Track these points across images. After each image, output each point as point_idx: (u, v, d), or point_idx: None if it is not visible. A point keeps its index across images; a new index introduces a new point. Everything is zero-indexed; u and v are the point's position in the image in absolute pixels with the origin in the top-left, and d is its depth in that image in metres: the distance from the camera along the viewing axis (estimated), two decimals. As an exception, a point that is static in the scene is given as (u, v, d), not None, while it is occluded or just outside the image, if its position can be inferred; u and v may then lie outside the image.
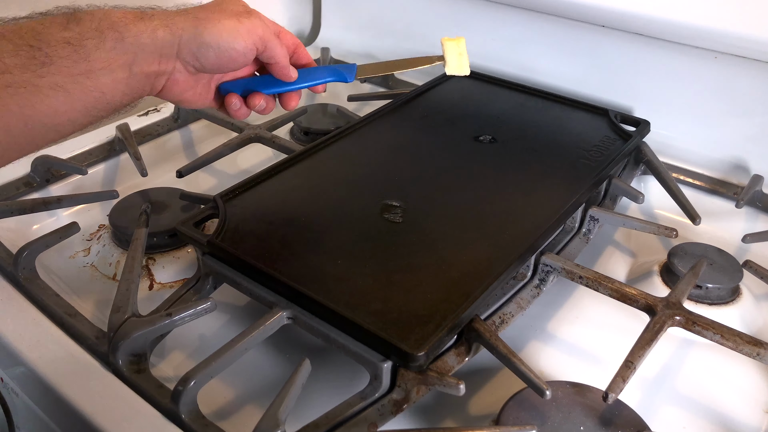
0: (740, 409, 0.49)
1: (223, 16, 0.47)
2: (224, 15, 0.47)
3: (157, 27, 0.43)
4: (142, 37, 0.42)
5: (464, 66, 0.57)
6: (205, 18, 0.46)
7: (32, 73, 0.37)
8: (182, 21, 0.45)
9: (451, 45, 0.57)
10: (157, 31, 0.43)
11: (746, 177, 0.70)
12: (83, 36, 0.39)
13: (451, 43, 0.57)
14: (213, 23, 0.46)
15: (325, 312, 0.45)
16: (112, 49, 0.41)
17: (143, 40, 0.42)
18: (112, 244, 0.62)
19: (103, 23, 0.41)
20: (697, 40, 0.69)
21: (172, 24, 0.44)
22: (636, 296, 0.50)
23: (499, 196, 0.59)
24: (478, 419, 0.48)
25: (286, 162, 0.62)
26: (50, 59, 0.38)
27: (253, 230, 0.53)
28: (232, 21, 0.47)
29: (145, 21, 0.43)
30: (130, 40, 0.42)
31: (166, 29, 0.44)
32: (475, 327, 0.46)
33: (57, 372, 0.47)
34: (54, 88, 0.38)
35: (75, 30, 0.39)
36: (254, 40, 0.49)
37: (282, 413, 0.40)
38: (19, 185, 0.68)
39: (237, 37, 0.47)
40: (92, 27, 0.40)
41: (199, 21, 0.46)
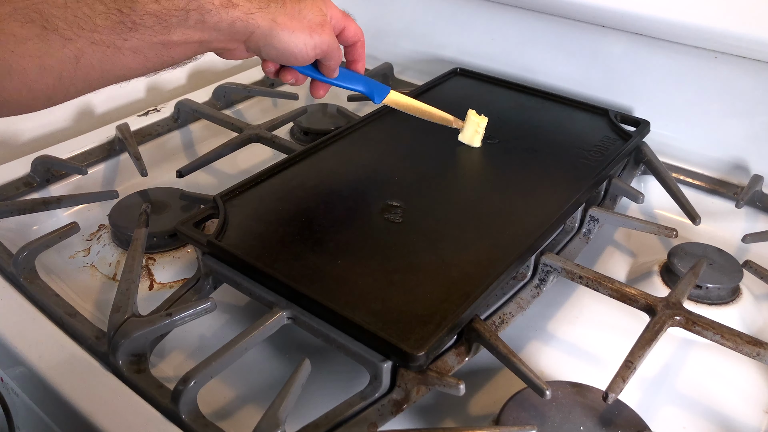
0: (740, 409, 0.49)
1: (299, 27, 0.50)
2: (300, 25, 0.50)
3: (237, 19, 0.46)
4: (222, 24, 0.45)
5: (477, 140, 0.65)
6: (282, 24, 0.49)
7: (117, 36, 0.41)
8: (260, 18, 0.47)
9: (473, 120, 0.64)
10: (236, 23, 0.46)
11: (746, 177, 0.70)
12: (170, 12, 0.43)
13: (475, 118, 0.64)
14: (287, 32, 0.49)
15: (325, 312, 0.45)
16: (192, 27, 0.44)
17: (221, 27, 0.46)
18: (112, 244, 0.62)
19: (191, 4, 0.43)
20: (697, 40, 0.69)
21: (251, 19, 0.47)
22: (636, 296, 0.50)
23: (499, 196, 0.59)
24: (478, 419, 0.48)
25: (286, 162, 0.62)
26: (136, 27, 0.41)
27: (253, 230, 0.53)
28: (305, 34, 0.50)
29: (228, 10, 0.45)
30: (209, 24, 0.45)
31: (243, 23, 0.47)
32: (475, 327, 0.46)
33: (57, 372, 0.47)
34: (134, 51, 0.42)
35: (164, 5, 0.42)
36: (317, 53, 0.52)
37: (282, 413, 0.40)
38: (19, 185, 0.68)
39: (303, 50, 0.51)
40: (180, 6, 0.43)
41: (276, 25, 0.48)
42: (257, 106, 0.90)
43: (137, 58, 0.43)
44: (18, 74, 0.38)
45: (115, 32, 0.41)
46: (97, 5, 0.40)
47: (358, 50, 0.59)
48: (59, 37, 0.39)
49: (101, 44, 0.40)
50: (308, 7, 0.51)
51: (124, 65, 0.42)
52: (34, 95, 0.40)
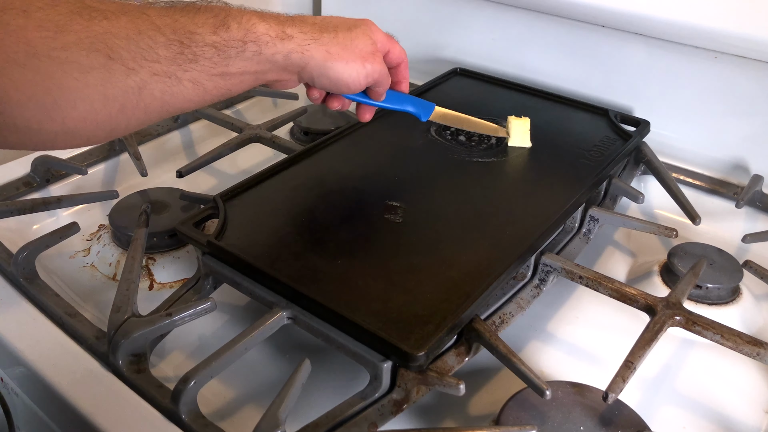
0: (740, 409, 0.49)
1: (352, 57, 0.50)
2: (353, 55, 0.50)
3: (293, 51, 0.47)
4: (278, 56, 0.46)
5: (527, 140, 0.66)
6: (335, 54, 0.49)
7: (178, 67, 0.41)
8: (315, 50, 0.48)
9: (516, 124, 0.66)
10: (292, 54, 0.47)
11: (746, 177, 0.70)
12: (228, 44, 0.43)
13: (517, 122, 0.66)
14: (341, 63, 0.50)
15: (325, 312, 0.45)
16: (249, 59, 0.45)
17: (277, 59, 0.46)
18: (112, 244, 0.62)
19: (248, 36, 0.44)
20: (697, 40, 0.69)
21: (306, 51, 0.48)
22: (636, 296, 0.50)
23: (499, 196, 0.59)
24: (478, 419, 0.48)
25: (286, 162, 0.62)
26: (196, 58, 0.42)
27: (253, 230, 0.53)
28: (357, 64, 0.51)
29: (284, 42, 0.46)
30: (266, 56, 0.46)
31: (299, 54, 0.47)
32: (475, 327, 0.46)
33: (57, 372, 0.47)
34: (193, 82, 0.42)
35: (222, 36, 0.43)
36: (368, 82, 0.53)
37: (282, 413, 0.40)
38: (19, 185, 0.68)
39: (356, 80, 0.51)
40: (238, 37, 0.44)
41: (330, 56, 0.49)
42: (257, 106, 0.90)
43: (197, 90, 0.43)
44: (83, 103, 0.38)
45: (176, 63, 0.41)
46: (158, 37, 0.40)
47: (401, 71, 0.59)
48: (123, 67, 0.39)
49: (163, 75, 0.41)
50: (359, 36, 0.51)
51: (184, 96, 0.43)
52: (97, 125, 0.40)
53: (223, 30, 0.43)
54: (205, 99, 0.44)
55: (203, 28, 0.42)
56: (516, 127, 0.66)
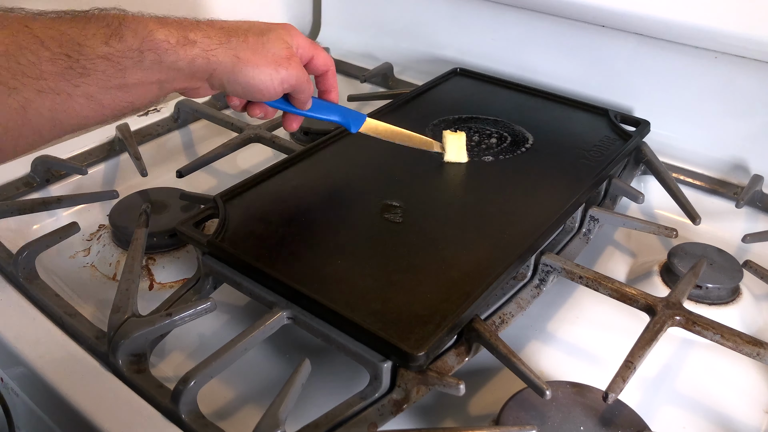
0: (740, 409, 0.49)
1: (263, 61, 0.48)
2: (264, 60, 0.48)
3: (196, 57, 0.44)
4: (180, 63, 0.43)
5: (463, 155, 0.63)
6: (245, 59, 0.47)
7: (67, 82, 0.38)
8: (222, 55, 0.46)
9: (451, 139, 0.62)
10: (196, 60, 0.44)
11: (746, 177, 0.70)
12: (123, 54, 0.41)
13: (452, 137, 0.63)
14: (251, 67, 0.47)
15: (325, 312, 0.45)
16: (148, 68, 0.42)
17: (180, 66, 0.44)
18: (112, 244, 0.62)
19: (145, 44, 0.41)
20: (697, 40, 0.69)
21: (212, 56, 0.45)
22: (636, 296, 0.50)
23: (499, 196, 0.59)
24: (478, 419, 0.48)
25: (286, 162, 0.62)
26: (87, 71, 0.39)
27: (253, 230, 0.53)
28: (270, 68, 0.48)
29: (186, 48, 0.43)
30: (167, 64, 0.43)
31: (204, 60, 0.45)
32: (475, 327, 0.46)
33: (57, 372, 0.47)
34: (87, 97, 0.40)
35: (116, 47, 0.40)
36: (285, 88, 0.51)
37: (282, 413, 0.40)
38: (19, 185, 0.68)
39: (270, 85, 0.49)
40: (133, 47, 0.41)
41: (239, 61, 0.47)
42: (257, 106, 0.90)
43: (92, 105, 0.40)
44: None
45: (64, 78, 0.38)
46: (42, 51, 0.37)
47: (329, 79, 0.57)
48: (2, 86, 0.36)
49: (50, 92, 0.38)
50: (272, 40, 0.49)
51: (78, 113, 0.40)
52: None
53: (116, 40, 0.40)
54: (104, 114, 0.42)
55: (93, 40, 0.39)
56: (451, 142, 0.63)
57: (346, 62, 0.96)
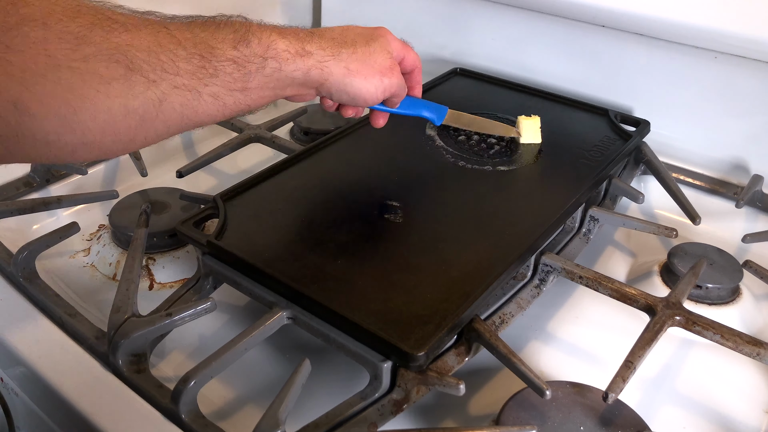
0: (740, 409, 0.49)
1: (371, 72, 0.51)
2: (372, 71, 0.51)
3: (312, 67, 0.47)
4: (296, 73, 0.46)
5: (537, 136, 0.67)
6: (355, 71, 0.50)
7: (198, 81, 0.41)
8: (334, 66, 0.48)
9: (526, 123, 0.67)
10: (311, 71, 0.47)
11: (746, 177, 0.70)
12: (248, 60, 0.43)
13: (527, 121, 0.67)
14: (360, 79, 0.50)
15: (325, 312, 0.45)
16: (268, 75, 0.45)
17: (296, 75, 0.46)
18: (112, 244, 0.62)
19: (269, 52, 0.44)
20: (697, 40, 0.69)
21: (325, 67, 0.48)
22: (636, 296, 0.50)
23: (499, 196, 0.59)
24: (478, 419, 0.48)
25: (286, 162, 0.62)
26: (216, 72, 0.42)
27: (253, 230, 0.53)
28: (376, 79, 0.51)
29: (304, 59, 0.46)
30: (286, 73, 0.46)
31: (318, 71, 0.47)
32: (475, 327, 0.46)
33: (57, 372, 0.47)
34: (213, 96, 0.42)
35: (243, 52, 0.43)
36: (386, 95, 0.53)
37: (282, 413, 0.40)
38: (19, 185, 0.68)
39: (373, 94, 0.52)
40: (258, 53, 0.44)
41: (349, 72, 0.49)
42: (257, 106, 0.90)
43: (216, 104, 0.43)
44: (103, 114, 0.38)
45: (196, 77, 0.41)
46: (179, 50, 0.40)
47: (415, 77, 0.60)
48: (144, 78, 0.39)
49: (183, 88, 0.40)
50: (378, 51, 0.52)
51: (203, 111, 0.42)
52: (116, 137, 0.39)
53: (244, 45, 0.43)
54: (225, 114, 0.44)
55: (224, 44, 0.42)
56: (526, 126, 0.67)
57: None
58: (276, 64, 0.45)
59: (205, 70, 0.41)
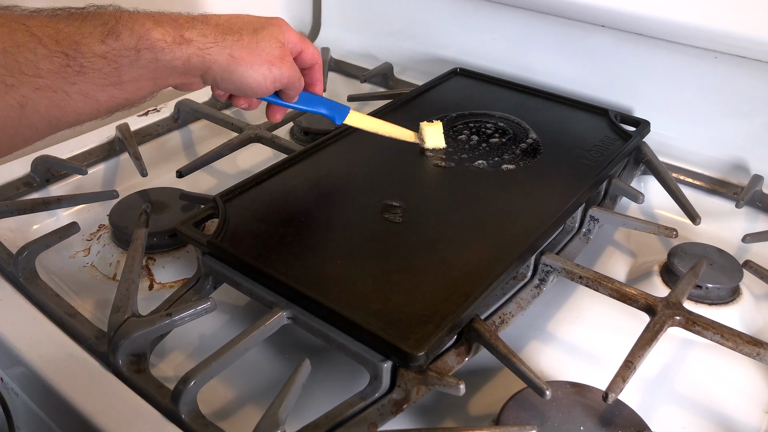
0: (740, 409, 0.49)
1: (257, 61, 0.48)
2: (258, 59, 0.48)
3: (193, 55, 0.45)
4: (176, 62, 0.44)
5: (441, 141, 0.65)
6: (239, 58, 0.47)
7: (64, 80, 0.38)
8: (218, 54, 0.46)
9: (428, 129, 0.65)
10: (192, 58, 0.45)
11: (746, 177, 0.70)
12: (119, 53, 0.41)
13: (428, 127, 0.65)
14: (245, 67, 0.48)
15: (325, 312, 0.45)
16: (144, 67, 0.42)
17: (176, 64, 0.44)
18: (112, 244, 0.62)
19: (141, 43, 0.42)
20: (697, 40, 0.69)
21: (208, 55, 0.46)
22: (636, 296, 0.50)
23: (499, 196, 0.59)
24: (478, 419, 0.48)
25: (286, 162, 0.62)
26: (83, 69, 0.39)
27: (253, 230, 0.53)
28: (264, 68, 0.49)
29: (182, 47, 0.44)
30: (163, 63, 0.43)
31: (200, 58, 0.45)
32: (475, 327, 0.46)
33: (57, 372, 0.47)
34: (83, 95, 0.40)
35: (112, 45, 0.40)
36: (276, 86, 0.51)
37: (282, 413, 0.40)
38: (19, 185, 0.68)
39: (261, 83, 0.49)
40: (129, 45, 0.41)
41: (233, 60, 0.47)
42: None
43: (88, 102, 0.40)
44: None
45: (60, 77, 0.38)
46: (40, 49, 0.37)
47: (315, 73, 0.57)
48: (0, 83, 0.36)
49: (47, 90, 0.38)
50: (266, 38, 0.49)
51: (74, 110, 0.40)
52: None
53: (113, 38, 0.40)
54: (99, 111, 0.42)
55: (90, 38, 0.40)
56: (429, 131, 0.65)
57: (346, 62, 0.96)
58: (151, 55, 0.42)
59: (71, 69, 0.39)
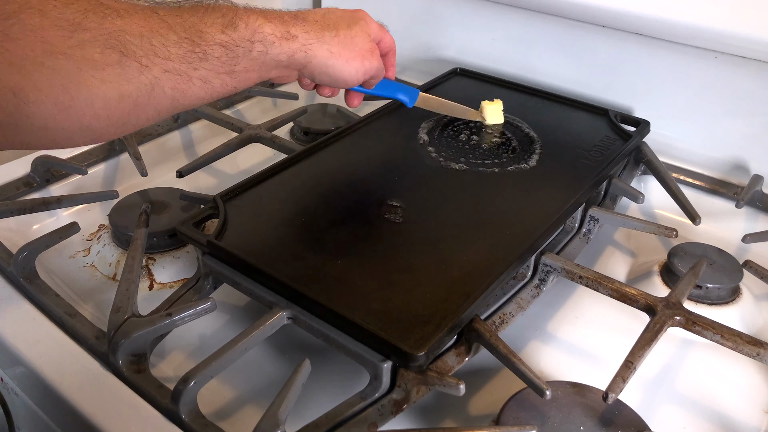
0: (740, 409, 0.49)
1: (352, 55, 0.52)
2: (353, 54, 0.52)
3: (297, 51, 0.48)
4: (282, 56, 0.47)
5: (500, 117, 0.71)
6: (337, 54, 0.51)
7: (188, 65, 0.42)
8: (318, 49, 0.50)
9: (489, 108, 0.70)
10: (296, 54, 0.48)
11: (746, 177, 0.70)
12: (236, 43, 0.44)
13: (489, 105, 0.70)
14: (342, 61, 0.51)
15: (325, 312, 0.45)
16: (255, 59, 0.46)
17: (281, 59, 0.48)
18: (112, 244, 0.62)
19: (256, 36, 0.45)
20: (697, 40, 0.69)
21: (309, 50, 0.49)
22: (636, 296, 0.50)
23: (499, 196, 0.59)
24: (478, 419, 0.48)
25: (286, 162, 0.62)
26: (206, 56, 0.43)
27: (253, 230, 0.53)
28: (357, 62, 0.53)
29: (289, 42, 0.47)
30: (271, 56, 0.47)
31: (302, 54, 0.49)
32: (475, 327, 0.46)
33: (57, 372, 0.47)
34: (202, 80, 0.43)
35: (231, 36, 0.44)
36: (365, 77, 0.55)
37: (282, 413, 0.40)
38: (19, 185, 0.68)
39: (353, 76, 0.53)
40: (245, 37, 0.45)
41: (332, 55, 0.51)
42: (257, 106, 0.90)
43: (205, 87, 0.44)
44: (99, 100, 0.38)
45: (186, 61, 0.42)
46: (170, 35, 0.41)
47: (390, 59, 0.61)
48: (137, 63, 0.39)
49: (174, 72, 0.41)
50: (359, 34, 0.53)
51: (193, 94, 0.43)
52: (110, 122, 0.40)
53: (231, 30, 0.44)
54: (212, 96, 0.45)
55: (212, 28, 0.43)
56: (490, 110, 0.70)
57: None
58: (262, 48, 0.46)
59: (195, 55, 0.42)
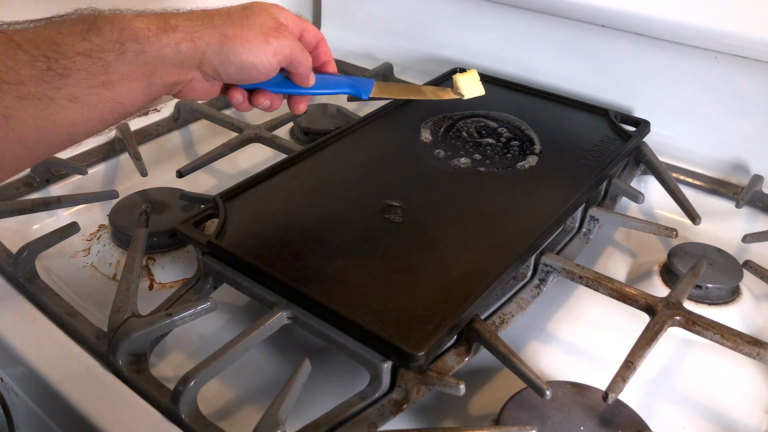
0: (740, 409, 0.49)
1: (251, 35, 0.45)
2: (252, 33, 0.45)
3: (181, 40, 0.42)
4: (165, 50, 0.41)
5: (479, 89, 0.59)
6: (232, 35, 0.44)
7: (48, 85, 0.36)
8: (208, 35, 0.43)
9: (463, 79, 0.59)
10: (181, 44, 0.42)
11: (746, 177, 0.70)
12: (103, 48, 0.38)
13: (462, 77, 0.59)
14: (240, 42, 0.45)
15: (325, 312, 0.45)
16: (132, 61, 0.40)
17: (165, 54, 0.41)
18: (112, 244, 0.62)
19: (125, 34, 0.39)
20: (697, 40, 0.69)
21: (197, 38, 0.43)
22: (636, 296, 0.50)
23: (499, 196, 0.59)
24: (478, 419, 0.48)
25: (286, 162, 0.62)
26: (67, 71, 0.37)
27: (253, 230, 0.53)
28: (260, 41, 0.46)
29: (168, 34, 0.41)
30: (151, 54, 0.41)
31: (190, 43, 0.42)
32: (475, 327, 0.46)
33: (57, 372, 0.47)
34: (71, 99, 0.37)
35: (94, 41, 0.38)
36: (279, 60, 0.48)
37: (282, 413, 0.40)
38: (19, 185, 0.68)
39: (262, 59, 0.46)
40: (112, 38, 0.39)
41: (226, 38, 0.44)
42: (257, 106, 0.90)
43: (77, 108, 0.38)
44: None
45: (44, 81, 0.36)
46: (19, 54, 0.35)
47: (322, 51, 0.54)
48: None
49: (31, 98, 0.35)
50: (256, 12, 0.46)
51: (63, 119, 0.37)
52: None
53: (94, 34, 0.38)
54: (92, 118, 0.39)
55: (70, 37, 0.37)
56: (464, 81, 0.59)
57: (346, 62, 0.96)
58: (137, 46, 0.39)
59: (54, 72, 0.36)
